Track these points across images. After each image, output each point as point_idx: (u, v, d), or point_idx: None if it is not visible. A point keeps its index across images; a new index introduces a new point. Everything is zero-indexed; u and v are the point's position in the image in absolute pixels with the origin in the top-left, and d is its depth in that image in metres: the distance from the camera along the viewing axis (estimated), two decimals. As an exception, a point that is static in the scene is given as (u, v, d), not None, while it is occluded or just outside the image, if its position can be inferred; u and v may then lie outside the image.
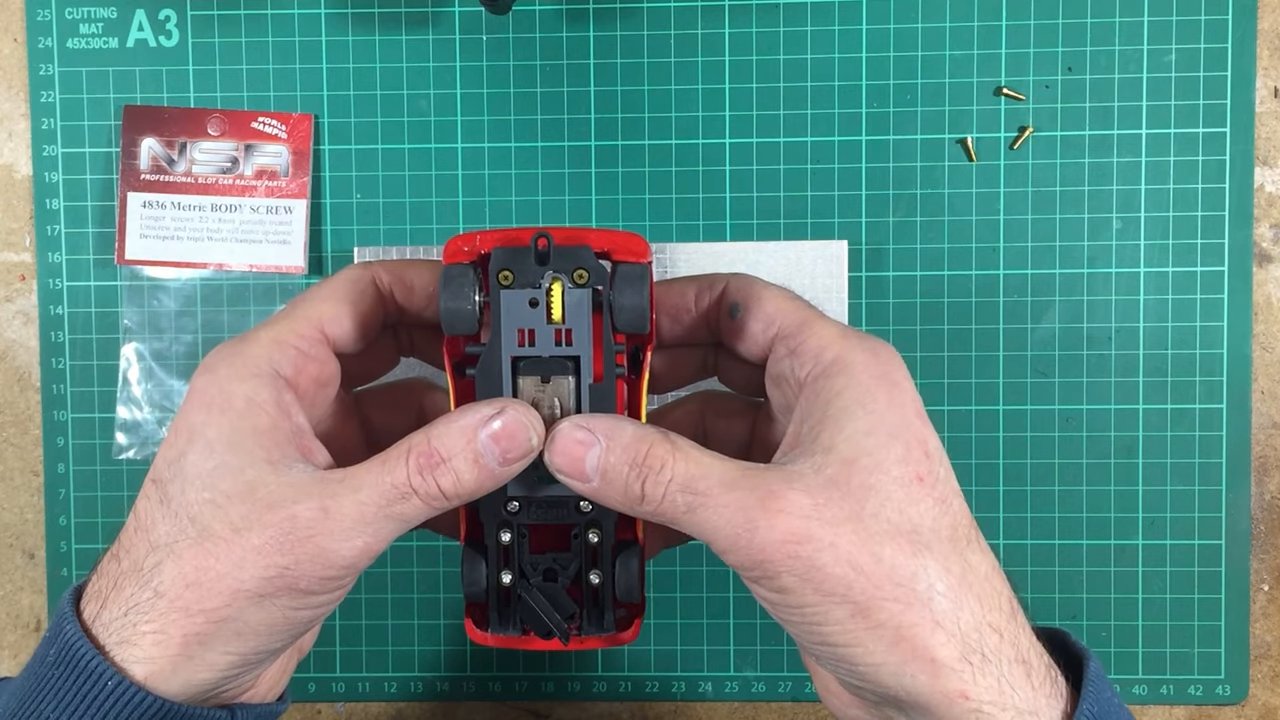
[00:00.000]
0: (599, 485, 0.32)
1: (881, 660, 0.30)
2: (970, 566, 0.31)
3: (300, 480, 0.32)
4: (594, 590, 0.35)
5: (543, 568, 0.35)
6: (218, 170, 0.51)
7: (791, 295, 0.35)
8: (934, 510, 0.31)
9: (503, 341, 0.33)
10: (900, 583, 0.29)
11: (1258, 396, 0.50)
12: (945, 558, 0.30)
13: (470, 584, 0.35)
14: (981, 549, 0.31)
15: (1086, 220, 0.50)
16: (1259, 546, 0.51)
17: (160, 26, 0.51)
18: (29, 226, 0.52)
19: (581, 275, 0.33)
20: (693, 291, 0.37)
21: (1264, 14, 0.50)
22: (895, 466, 0.31)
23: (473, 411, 0.32)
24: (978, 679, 0.30)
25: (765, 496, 0.30)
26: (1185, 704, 0.51)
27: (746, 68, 0.50)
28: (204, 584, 0.31)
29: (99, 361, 0.52)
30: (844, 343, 0.33)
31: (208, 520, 0.31)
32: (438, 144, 0.51)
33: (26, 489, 0.53)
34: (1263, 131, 0.50)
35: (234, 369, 0.33)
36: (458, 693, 0.52)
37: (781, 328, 0.34)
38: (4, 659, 0.53)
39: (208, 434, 0.32)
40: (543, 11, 0.51)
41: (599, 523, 0.35)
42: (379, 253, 0.50)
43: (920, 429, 0.32)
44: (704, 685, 0.52)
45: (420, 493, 0.32)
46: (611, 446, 0.32)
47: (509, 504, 0.34)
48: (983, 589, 0.31)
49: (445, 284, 0.33)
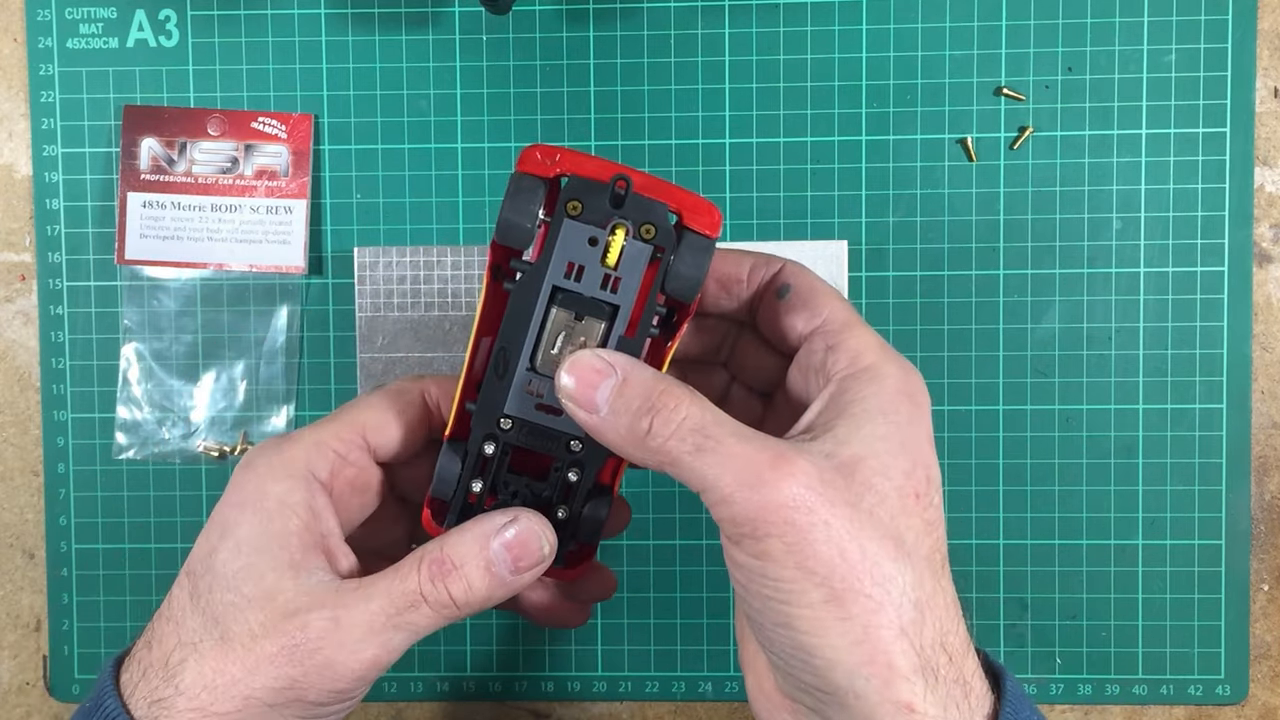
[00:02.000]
0: (606, 416, 0.32)
1: (840, 657, 0.30)
2: (941, 588, 0.31)
3: (317, 589, 0.33)
4: (558, 524, 0.36)
5: (513, 489, 0.35)
6: (218, 170, 0.51)
7: (842, 297, 0.36)
8: (920, 528, 0.31)
9: (550, 267, 0.33)
10: (878, 581, 0.30)
11: (1258, 396, 0.50)
12: (920, 572, 0.30)
13: (442, 480, 0.35)
14: (949, 579, 0.32)
15: (1086, 220, 0.50)
16: (1259, 546, 0.51)
17: (160, 26, 0.51)
18: (29, 226, 0.52)
19: (649, 230, 0.33)
20: (749, 265, 0.37)
21: (1264, 14, 0.50)
22: (899, 477, 0.31)
23: (487, 521, 0.34)
24: (927, 694, 0.30)
25: (776, 457, 0.30)
26: (1185, 704, 0.51)
27: (746, 68, 0.50)
28: (219, 687, 0.32)
29: (99, 361, 0.52)
30: (881, 353, 0.33)
31: (229, 623, 0.32)
32: (438, 144, 0.51)
33: (26, 489, 0.53)
34: (1263, 131, 0.50)
35: (271, 468, 0.34)
36: (458, 693, 0.52)
37: (827, 322, 0.34)
38: (4, 659, 0.53)
39: (239, 532, 0.33)
40: (543, 11, 0.51)
41: (582, 464, 0.35)
42: (379, 253, 0.50)
43: (929, 455, 0.32)
44: (704, 685, 0.52)
45: (430, 600, 0.33)
46: (629, 381, 0.32)
47: (502, 420, 0.34)
48: (946, 611, 0.31)
49: (513, 194, 0.32)
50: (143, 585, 0.52)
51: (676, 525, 0.51)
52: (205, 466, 0.52)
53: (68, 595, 0.52)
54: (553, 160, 0.33)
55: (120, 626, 0.52)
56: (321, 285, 0.52)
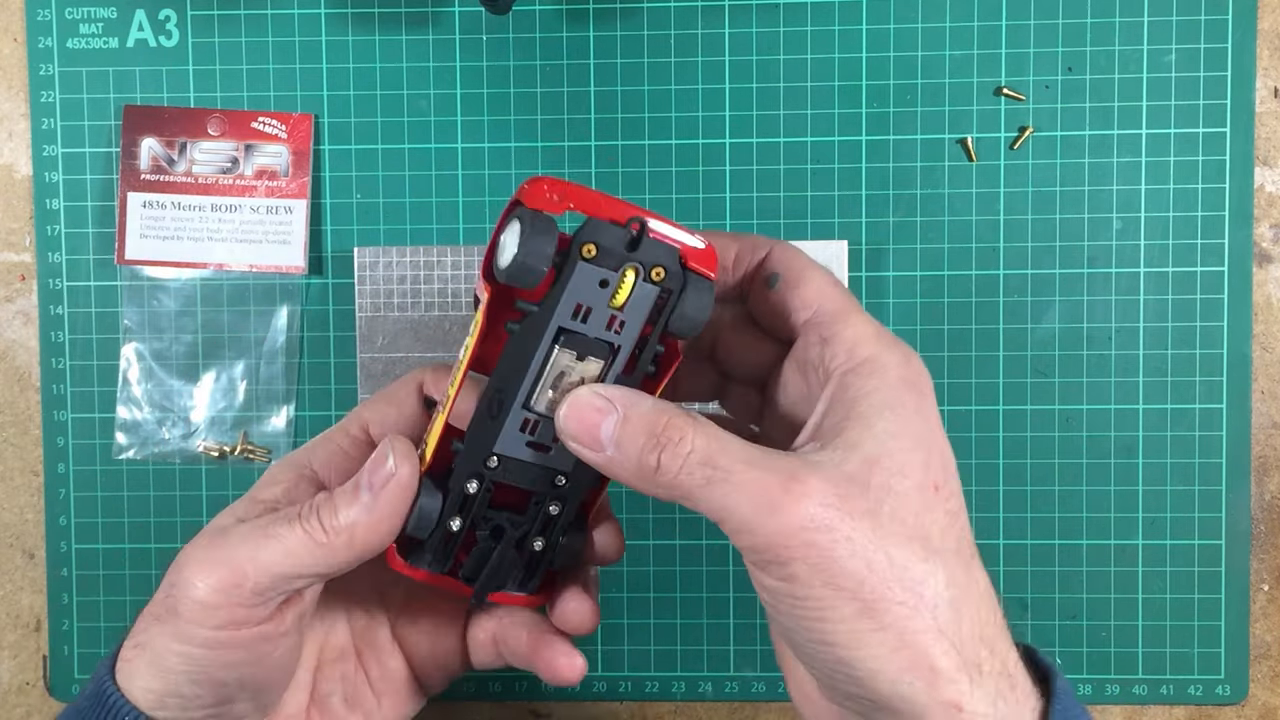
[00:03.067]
0: (613, 455, 0.31)
1: (881, 666, 0.29)
2: (973, 580, 0.31)
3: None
4: (533, 555, 0.36)
5: (493, 524, 0.35)
6: (218, 170, 0.51)
7: (834, 280, 0.34)
8: (944, 521, 0.30)
9: (558, 310, 0.32)
10: (909, 586, 0.29)
11: (1258, 396, 0.50)
12: (951, 568, 0.30)
13: (423, 518, 0.34)
14: (980, 565, 0.31)
15: (1086, 220, 0.50)
16: (1259, 546, 0.51)
17: (160, 26, 0.51)
18: (29, 226, 0.52)
19: (659, 273, 0.32)
20: (734, 250, 0.36)
21: (1264, 14, 0.50)
22: (916, 473, 0.30)
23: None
24: (973, 691, 0.29)
25: (788, 479, 0.29)
26: (1185, 704, 0.51)
27: (746, 68, 0.50)
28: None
29: (99, 361, 0.52)
30: (879, 342, 0.32)
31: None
32: (438, 144, 0.51)
33: (26, 489, 0.53)
34: (1263, 131, 0.50)
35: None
36: (458, 693, 0.52)
37: (819, 313, 0.33)
38: (4, 659, 0.53)
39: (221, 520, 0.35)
40: (543, 11, 0.51)
41: (564, 499, 0.35)
42: (379, 253, 0.50)
43: (942, 442, 0.31)
44: (704, 685, 0.51)
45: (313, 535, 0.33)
46: (629, 416, 0.31)
47: (490, 459, 0.34)
48: (981, 603, 0.31)
49: (529, 235, 0.31)
50: (143, 585, 0.52)
51: (676, 525, 0.51)
52: (205, 466, 0.52)
53: (68, 595, 0.52)
54: (562, 198, 0.32)
55: (120, 627, 0.52)
56: (321, 285, 0.52)
